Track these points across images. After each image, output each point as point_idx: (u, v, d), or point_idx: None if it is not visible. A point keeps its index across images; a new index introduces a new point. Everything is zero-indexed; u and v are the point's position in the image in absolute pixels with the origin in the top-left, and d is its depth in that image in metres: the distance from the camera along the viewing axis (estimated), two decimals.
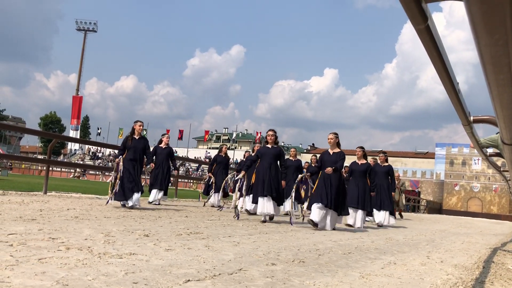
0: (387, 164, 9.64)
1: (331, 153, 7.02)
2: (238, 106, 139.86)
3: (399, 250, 5.03)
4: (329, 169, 6.65)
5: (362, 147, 8.79)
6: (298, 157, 12.70)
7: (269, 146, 7.42)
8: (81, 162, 50.67)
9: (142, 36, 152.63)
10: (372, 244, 5.37)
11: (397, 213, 14.16)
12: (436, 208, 43.68)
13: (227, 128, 77.74)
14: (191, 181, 35.52)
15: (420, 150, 59.74)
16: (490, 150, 5.95)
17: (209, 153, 61.49)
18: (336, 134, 7.13)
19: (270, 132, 7.48)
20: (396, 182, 14.41)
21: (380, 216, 9.36)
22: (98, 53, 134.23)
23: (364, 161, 8.58)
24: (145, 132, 58.82)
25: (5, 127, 17.09)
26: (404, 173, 53.77)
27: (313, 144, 63.22)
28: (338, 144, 7.11)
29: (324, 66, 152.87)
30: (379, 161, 9.70)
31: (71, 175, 39.17)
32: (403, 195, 15.00)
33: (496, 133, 5.14)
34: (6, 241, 2.96)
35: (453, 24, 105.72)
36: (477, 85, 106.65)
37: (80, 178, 37.57)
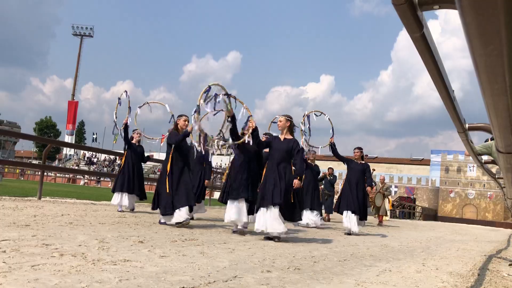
0: (363, 162, 8.35)
1: (282, 139, 5.68)
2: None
3: (394, 257, 5.02)
4: (296, 183, 5.37)
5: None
6: None
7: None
8: (76, 167, 50.47)
9: (139, 41, 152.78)
10: (368, 251, 5.36)
11: (375, 218, 13.97)
12: (431, 215, 43.73)
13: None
14: None
15: (415, 156, 59.90)
16: (485, 157, 5.97)
17: None
18: (288, 117, 5.78)
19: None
20: (381, 185, 14.05)
21: (345, 221, 8.01)
22: (94, 58, 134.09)
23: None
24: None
25: None
26: (399, 179, 53.89)
27: (309, 149, 63.35)
28: (290, 130, 5.77)
29: (321, 72, 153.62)
30: (354, 158, 8.44)
31: (81, 182, 39.14)
32: (387, 200, 14.18)
33: (490, 139, 5.17)
34: None
35: (448, 31, 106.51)
36: (473, 92, 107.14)
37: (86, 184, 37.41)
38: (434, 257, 5.41)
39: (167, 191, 5.92)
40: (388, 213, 18.60)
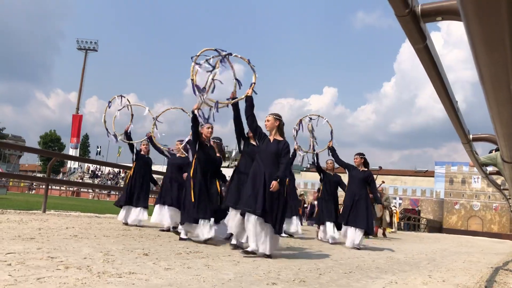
0: (365, 169, 7.60)
1: (271, 141, 5.07)
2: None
3: (400, 269, 4.98)
4: (274, 185, 4.69)
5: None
6: (298, 176, 12.55)
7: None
8: (80, 181, 50.54)
9: (142, 54, 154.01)
10: (373, 263, 5.32)
11: (380, 231, 13.66)
12: (436, 227, 43.40)
13: (227, 146, 77.48)
14: None
15: (419, 168, 59.65)
16: (489, 168, 5.95)
17: None
18: (276, 116, 5.18)
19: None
20: (381, 197, 13.03)
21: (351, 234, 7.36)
22: (99, 71, 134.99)
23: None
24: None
25: (4, 145, 17.12)
26: (403, 191, 53.60)
27: (312, 162, 63.07)
28: (280, 131, 5.17)
29: (324, 84, 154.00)
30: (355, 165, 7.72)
31: (91, 196, 39.12)
32: (387, 211, 13.74)
33: (494, 150, 5.16)
34: (5, 260, 2.93)
35: (451, 43, 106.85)
36: (476, 103, 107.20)
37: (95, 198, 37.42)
38: (440, 269, 5.36)
39: (192, 199, 5.50)
40: (395, 225, 18.35)
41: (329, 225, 8.10)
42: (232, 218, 5.18)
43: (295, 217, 8.59)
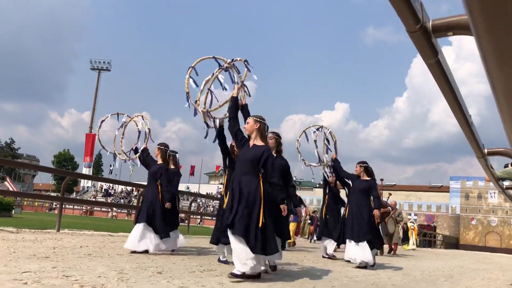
0: (368, 178, 6.88)
1: (251, 146, 4.43)
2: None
3: (417, 286, 4.90)
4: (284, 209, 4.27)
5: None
6: (310, 192, 12.29)
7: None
8: (94, 199, 50.84)
9: (155, 73, 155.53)
10: (389, 280, 5.24)
11: (386, 247, 13.15)
12: (452, 243, 42.65)
13: None
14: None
15: (434, 183, 58.98)
16: (506, 183, 5.86)
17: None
18: (257, 118, 4.51)
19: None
20: (391, 210, 12.54)
21: (354, 250, 6.54)
22: (112, 91, 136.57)
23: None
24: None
25: (19, 164, 17.40)
26: (418, 207, 52.93)
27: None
28: (261, 135, 4.47)
29: (335, 100, 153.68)
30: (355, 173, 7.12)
31: (109, 215, 39.31)
32: (400, 226, 13.04)
33: (510, 164, 5.08)
34: (21, 279, 2.95)
35: (463, 57, 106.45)
36: (490, 117, 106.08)
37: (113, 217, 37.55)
38: (459, 287, 5.26)
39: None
40: (413, 241, 17.85)
41: (328, 241, 7.99)
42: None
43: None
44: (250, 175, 4.24)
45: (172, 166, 6.67)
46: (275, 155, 4.75)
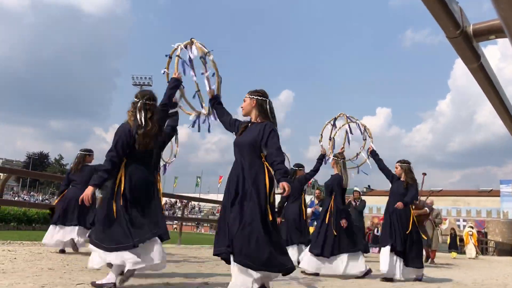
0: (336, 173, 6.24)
1: (250, 126, 3.64)
2: (289, 149, 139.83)
3: None
4: (285, 188, 3.18)
5: (402, 161, 6.05)
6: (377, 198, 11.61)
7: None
8: None
9: (194, 86, 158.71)
10: None
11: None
12: (506, 249, 40.63)
13: None
14: None
15: (483, 188, 56.63)
16: None
17: None
18: (253, 95, 3.67)
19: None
20: (430, 213, 10.39)
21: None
22: None
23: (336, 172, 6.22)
24: (198, 180, 59.85)
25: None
26: (467, 213, 50.95)
27: (369, 185, 61.27)
28: (261, 111, 3.63)
29: (376, 105, 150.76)
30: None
31: (174, 228, 40.16)
32: (439, 229, 11.44)
33: None
34: None
35: (509, 55, 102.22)
36: None
37: None
38: None
39: None
40: (475, 250, 16.60)
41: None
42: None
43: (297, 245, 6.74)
44: (254, 166, 3.43)
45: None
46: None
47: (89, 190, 3.49)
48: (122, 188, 3.44)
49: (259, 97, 3.65)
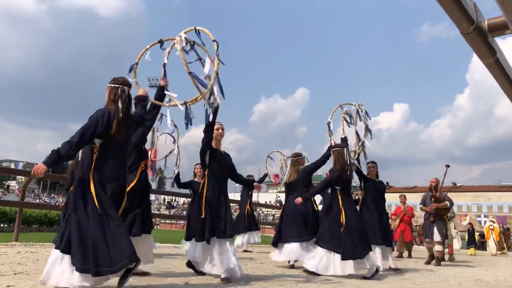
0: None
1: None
2: (306, 147, 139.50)
3: None
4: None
5: (373, 162, 6.97)
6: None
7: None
8: (158, 212, 52.55)
9: None
10: (459, 286, 5.02)
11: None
12: None
13: None
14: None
15: (504, 183, 55.54)
16: None
17: (279, 197, 61.26)
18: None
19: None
20: (451, 207, 9.15)
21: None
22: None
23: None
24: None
25: None
26: (488, 208, 50.03)
27: (387, 182, 60.47)
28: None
29: (393, 101, 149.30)
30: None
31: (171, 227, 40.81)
32: (452, 223, 10.97)
33: None
34: None
35: None
36: None
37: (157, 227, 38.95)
38: None
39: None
40: (495, 246, 15.93)
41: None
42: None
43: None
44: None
45: None
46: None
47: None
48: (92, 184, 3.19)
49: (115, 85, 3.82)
